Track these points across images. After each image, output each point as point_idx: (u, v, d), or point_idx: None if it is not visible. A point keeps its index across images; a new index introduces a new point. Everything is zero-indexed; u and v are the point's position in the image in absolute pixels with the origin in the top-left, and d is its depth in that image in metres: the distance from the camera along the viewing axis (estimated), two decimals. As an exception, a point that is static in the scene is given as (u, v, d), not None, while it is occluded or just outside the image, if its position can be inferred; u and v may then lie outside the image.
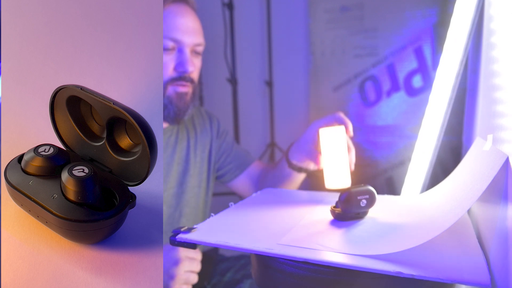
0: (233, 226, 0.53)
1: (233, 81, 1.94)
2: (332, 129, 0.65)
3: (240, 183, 0.98)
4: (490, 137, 0.49)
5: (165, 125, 0.86)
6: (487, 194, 0.43)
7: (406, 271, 0.37)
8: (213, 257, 1.02)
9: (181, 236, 0.48)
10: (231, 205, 0.64)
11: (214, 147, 0.96)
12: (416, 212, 0.56)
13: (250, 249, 0.44)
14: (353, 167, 0.73)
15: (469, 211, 0.58)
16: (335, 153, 0.65)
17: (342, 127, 0.66)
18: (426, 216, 0.52)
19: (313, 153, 0.77)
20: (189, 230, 0.50)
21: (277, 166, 0.88)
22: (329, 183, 0.66)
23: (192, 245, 0.48)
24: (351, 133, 0.72)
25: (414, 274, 0.36)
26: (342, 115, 0.73)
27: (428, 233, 0.41)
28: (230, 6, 1.87)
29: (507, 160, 0.39)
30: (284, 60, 1.95)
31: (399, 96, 1.48)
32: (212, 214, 0.59)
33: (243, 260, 1.00)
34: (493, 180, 0.39)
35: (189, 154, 0.90)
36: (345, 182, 0.65)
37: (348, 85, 1.61)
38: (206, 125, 0.98)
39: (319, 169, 0.77)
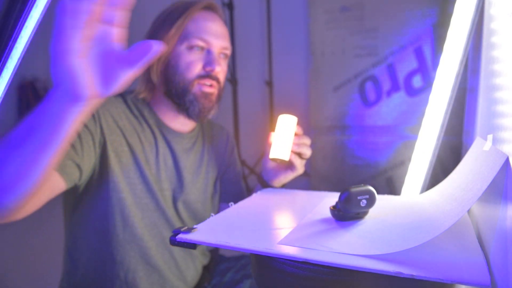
0: (233, 226, 0.53)
1: (233, 81, 1.94)
2: (287, 116, 0.81)
3: (223, 208, 1.00)
4: (490, 137, 0.49)
5: (186, 129, 0.89)
6: (487, 194, 0.43)
7: (406, 271, 0.37)
8: (213, 257, 1.02)
9: (181, 236, 0.48)
10: (231, 205, 0.64)
11: (225, 160, 1.00)
12: (416, 212, 0.56)
13: (250, 249, 0.44)
14: (309, 153, 0.84)
15: (469, 211, 0.58)
16: (283, 132, 0.80)
17: (295, 118, 0.80)
18: (426, 216, 0.52)
19: (281, 166, 0.86)
20: (189, 230, 0.50)
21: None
22: (272, 154, 0.80)
23: (192, 245, 0.48)
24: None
25: (414, 274, 0.36)
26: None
27: (428, 233, 0.41)
28: (230, 6, 1.87)
29: (507, 160, 0.39)
30: (284, 60, 1.96)
31: (399, 96, 1.49)
32: (212, 214, 0.59)
33: (243, 260, 1.00)
34: (493, 180, 0.39)
35: (202, 161, 0.93)
36: (285, 155, 0.79)
37: (348, 85, 1.61)
38: (221, 135, 1.02)
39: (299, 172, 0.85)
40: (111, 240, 0.79)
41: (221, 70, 0.84)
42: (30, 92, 3.05)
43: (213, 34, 0.82)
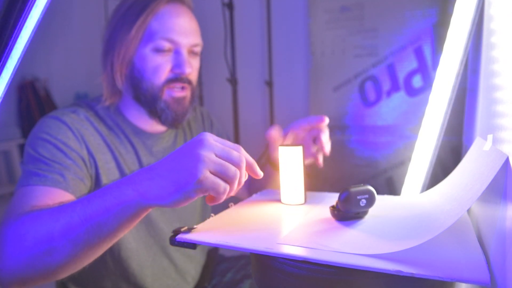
0: (233, 226, 0.53)
1: (233, 81, 1.94)
2: (291, 148, 0.65)
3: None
4: (490, 137, 0.49)
5: (163, 128, 0.85)
6: (487, 194, 0.43)
7: (406, 269, 0.37)
8: (213, 258, 1.02)
9: (181, 236, 0.48)
10: (231, 205, 0.64)
11: None
12: (416, 212, 0.56)
13: (250, 249, 0.44)
14: (328, 150, 0.77)
15: (469, 211, 0.58)
16: (292, 171, 0.65)
17: (300, 147, 0.65)
18: (426, 216, 0.52)
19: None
20: (189, 230, 0.50)
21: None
22: (284, 199, 0.66)
23: (192, 245, 0.48)
24: (327, 150, 0.77)
25: (414, 272, 0.36)
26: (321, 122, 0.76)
27: (428, 232, 0.41)
28: (230, 6, 1.87)
29: (507, 160, 0.39)
30: (284, 60, 1.95)
31: (399, 96, 1.48)
32: (212, 214, 0.59)
33: (243, 261, 1.00)
34: (493, 180, 0.39)
35: None
36: (299, 199, 0.65)
37: (348, 85, 1.61)
38: (204, 129, 0.98)
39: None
40: (105, 258, 0.78)
41: (192, 70, 0.78)
42: (30, 92, 3.04)
43: (181, 32, 0.74)
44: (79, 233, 0.51)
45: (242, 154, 0.51)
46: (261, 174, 0.54)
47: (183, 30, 0.75)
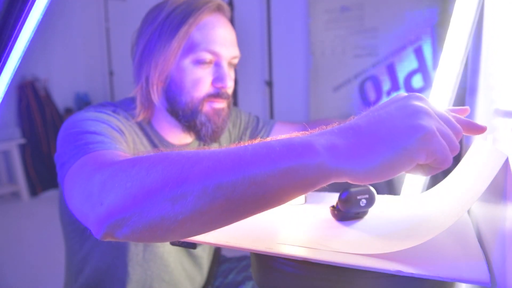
0: (233, 226, 0.53)
1: (233, 81, 1.93)
2: None
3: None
4: (490, 137, 0.49)
5: (188, 141, 0.82)
6: (487, 194, 0.43)
7: (406, 269, 0.37)
8: (216, 258, 1.02)
9: (181, 236, 0.48)
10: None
11: None
12: (416, 212, 0.56)
13: (250, 249, 0.44)
14: None
15: (469, 211, 0.58)
16: None
17: None
18: (426, 216, 0.52)
19: None
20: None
21: None
22: None
23: (192, 245, 0.48)
24: None
25: (414, 272, 0.36)
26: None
27: (428, 232, 0.41)
28: (230, 6, 1.87)
29: (507, 160, 0.39)
30: (284, 60, 1.95)
31: (399, 96, 1.49)
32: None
33: (244, 262, 1.00)
34: (493, 180, 0.39)
35: None
36: (299, 199, 0.64)
37: (348, 85, 1.61)
38: (229, 133, 0.94)
39: None
40: (127, 259, 0.75)
41: (232, 83, 0.75)
42: (30, 92, 3.05)
43: (223, 44, 0.71)
44: (222, 182, 0.34)
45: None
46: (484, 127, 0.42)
47: (225, 42, 0.72)
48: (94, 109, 0.68)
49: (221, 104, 0.74)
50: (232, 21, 1.73)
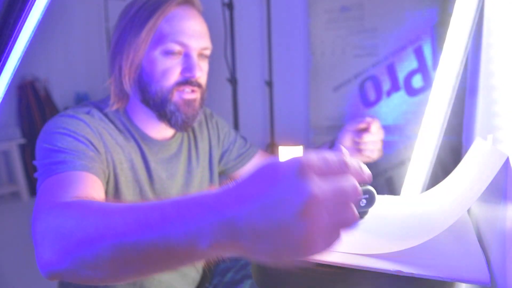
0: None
1: (233, 81, 1.94)
2: (291, 148, 0.66)
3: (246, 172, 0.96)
4: (490, 137, 0.49)
5: (169, 135, 0.84)
6: (487, 194, 0.43)
7: (406, 269, 0.37)
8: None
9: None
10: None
11: (214, 156, 0.94)
12: (416, 212, 0.56)
13: (250, 249, 0.44)
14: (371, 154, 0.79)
15: (469, 211, 0.58)
16: None
17: (301, 147, 0.65)
18: (426, 216, 0.52)
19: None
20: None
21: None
22: None
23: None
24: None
25: (414, 272, 0.37)
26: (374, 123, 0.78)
27: (428, 232, 0.41)
28: (230, 6, 1.87)
29: (507, 160, 0.39)
30: (284, 60, 1.96)
31: (399, 96, 1.49)
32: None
33: (243, 261, 1.00)
34: (493, 180, 0.39)
35: (191, 164, 0.89)
36: None
37: (348, 85, 1.61)
38: (204, 131, 0.96)
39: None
40: None
41: (202, 73, 0.77)
42: (30, 92, 3.05)
43: (192, 35, 0.74)
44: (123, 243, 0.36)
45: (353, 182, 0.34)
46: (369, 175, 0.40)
47: (194, 33, 0.74)
48: (73, 111, 0.73)
49: (191, 95, 0.77)
50: (232, 21, 1.71)
